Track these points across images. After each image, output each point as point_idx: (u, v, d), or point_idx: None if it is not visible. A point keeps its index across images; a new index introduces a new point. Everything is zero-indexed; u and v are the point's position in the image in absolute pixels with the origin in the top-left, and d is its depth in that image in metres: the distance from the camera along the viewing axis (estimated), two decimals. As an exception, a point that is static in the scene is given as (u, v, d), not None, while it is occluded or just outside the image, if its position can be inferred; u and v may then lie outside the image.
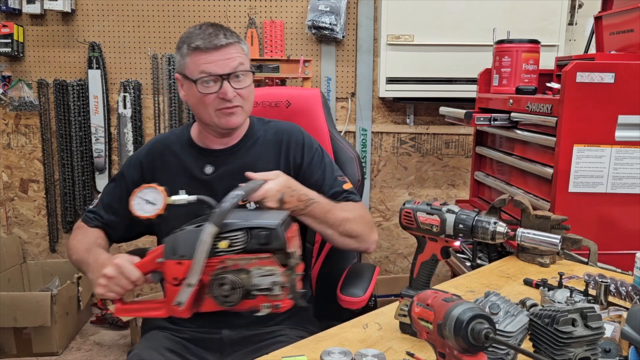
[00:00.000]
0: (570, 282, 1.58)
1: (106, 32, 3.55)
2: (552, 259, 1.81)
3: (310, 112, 2.20)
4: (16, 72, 3.59)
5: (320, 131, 2.15)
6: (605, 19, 2.53)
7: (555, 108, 2.01)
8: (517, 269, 1.77)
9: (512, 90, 2.48)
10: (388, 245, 3.86)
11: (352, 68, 3.61)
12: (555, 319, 1.00)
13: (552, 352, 1.00)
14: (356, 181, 2.09)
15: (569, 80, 1.95)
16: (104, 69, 3.56)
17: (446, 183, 3.78)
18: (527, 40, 2.56)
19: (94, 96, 3.55)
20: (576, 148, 1.98)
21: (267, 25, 3.50)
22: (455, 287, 1.60)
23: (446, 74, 3.35)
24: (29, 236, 3.82)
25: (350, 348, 1.15)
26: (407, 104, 3.63)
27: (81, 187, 3.67)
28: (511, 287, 1.61)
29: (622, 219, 2.04)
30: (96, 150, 3.62)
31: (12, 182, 3.75)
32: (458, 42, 3.29)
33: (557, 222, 1.80)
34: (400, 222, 1.36)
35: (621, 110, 1.98)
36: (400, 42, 3.30)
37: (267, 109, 2.19)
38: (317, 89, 2.14)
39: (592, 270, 1.67)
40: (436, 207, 1.30)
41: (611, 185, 2.01)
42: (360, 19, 3.53)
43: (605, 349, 1.10)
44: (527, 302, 1.35)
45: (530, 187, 2.28)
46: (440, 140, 3.72)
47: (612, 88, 1.96)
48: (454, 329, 0.85)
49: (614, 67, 1.96)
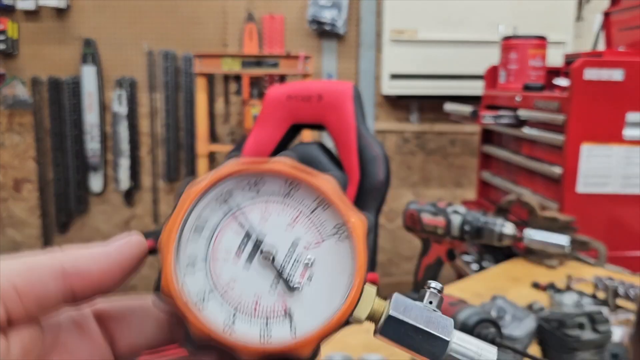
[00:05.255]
0: (578, 285, 1.56)
1: (101, 28, 3.50)
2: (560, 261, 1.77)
3: (340, 106, 2.15)
4: (10, 70, 3.54)
5: (347, 127, 2.11)
6: (615, 15, 2.51)
7: (563, 105, 2.00)
8: (524, 271, 1.75)
9: (519, 87, 2.46)
10: (391, 248, 3.80)
11: (353, 64, 3.56)
12: (563, 322, 1.00)
13: (559, 357, 1.00)
14: (376, 182, 2.03)
15: (577, 77, 1.95)
16: (99, 65, 3.51)
17: (452, 183, 3.73)
18: (534, 36, 2.54)
19: (88, 93, 3.50)
20: (584, 147, 1.98)
21: (267, 21, 3.45)
22: (460, 291, 1.56)
23: (451, 70, 3.33)
24: (22, 237, 3.77)
25: (352, 353, 1.14)
26: (411, 101, 3.58)
27: (75, 187, 3.62)
28: (518, 290, 1.59)
29: (632, 220, 2.03)
30: (91, 149, 3.57)
31: (6, 182, 3.70)
32: (463, 37, 3.26)
33: (565, 223, 1.76)
34: (404, 224, 1.33)
35: (630, 107, 1.97)
36: (403, 38, 3.27)
37: (299, 103, 2.13)
38: (351, 82, 2.12)
39: (600, 273, 1.65)
40: (441, 208, 1.28)
41: (620, 185, 2.02)
42: (362, 13, 3.48)
43: (614, 353, 1.09)
44: (535, 305, 1.33)
45: (538, 187, 2.27)
46: (445, 138, 3.67)
47: (621, 85, 1.96)
48: None
49: (623, 64, 1.96)
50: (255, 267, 0.37)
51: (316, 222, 0.38)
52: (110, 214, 3.73)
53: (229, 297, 0.37)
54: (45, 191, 3.67)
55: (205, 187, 0.37)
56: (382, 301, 0.39)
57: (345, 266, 0.37)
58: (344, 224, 0.37)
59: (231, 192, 0.38)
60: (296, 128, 2.05)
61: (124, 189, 3.64)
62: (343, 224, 0.37)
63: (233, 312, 0.37)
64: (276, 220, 0.38)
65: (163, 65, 3.51)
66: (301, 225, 0.38)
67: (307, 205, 0.38)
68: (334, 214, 0.38)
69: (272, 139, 2.24)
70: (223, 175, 0.38)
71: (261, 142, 2.21)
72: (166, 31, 3.49)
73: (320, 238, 0.38)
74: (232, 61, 2.97)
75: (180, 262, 0.36)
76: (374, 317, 0.38)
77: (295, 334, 0.37)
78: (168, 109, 3.54)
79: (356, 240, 0.37)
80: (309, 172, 0.38)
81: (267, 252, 0.37)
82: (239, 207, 0.38)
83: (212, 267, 0.37)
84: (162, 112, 3.57)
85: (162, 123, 3.59)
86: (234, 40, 3.50)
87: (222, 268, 0.37)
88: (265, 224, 0.38)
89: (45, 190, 3.67)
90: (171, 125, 3.55)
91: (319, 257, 0.38)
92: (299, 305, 0.37)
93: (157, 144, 3.62)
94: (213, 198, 0.38)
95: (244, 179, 0.38)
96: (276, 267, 0.37)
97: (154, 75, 3.53)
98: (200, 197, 0.37)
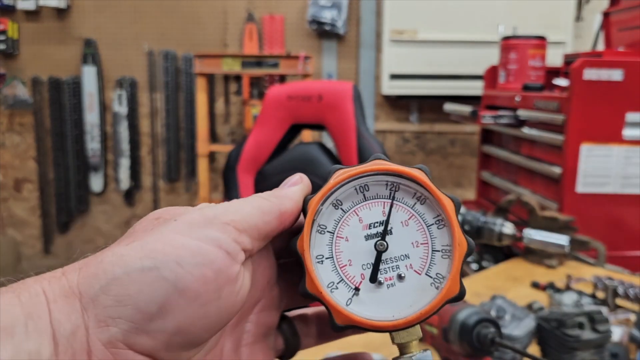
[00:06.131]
0: (578, 285, 1.55)
1: (101, 28, 3.50)
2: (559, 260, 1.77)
3: (340, 106, 2.15)
4: (10, 70, 3.54)
5: (347, 127, 2.10)
6: (614, 15, 2.50)
7: (563, 106, 2.00)
8: (524, 271, 1.74)
9: (518, 87, 2.46)
10: (390, 247, 3.80)
11: (353, 64, 3.56)
12: (563, 322, 1.00)
13: (559, 356, 1.00)
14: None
15: (576, 77, 1.94)
16: (99, 65, 3.51)
17: (452, 183, 3.73)
18: (534, 37, 2.54)
19: (88, 93, 3.50)
20: (584, 147, 1.98)
21: (267, 21, 3.45)
22: None
23: (451, 71, 3.32)
24: (23, 237, 3.77)
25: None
26: (411, 101, 3.58)
27: (76, 187, 3.62)
28: (518, 289, 1.58)
29: (631, 220, 2.03)
30: (91, 149, 3.57)
31: (6, 181, 3.70)
32: (463, 37, 3.26)
33: (564, 223, 1.76)
34: None
35: (629, 107, 1.97)
36: (403, 38, 3.26)
37: (299, 103, 2.13)
38: (351, 82, 2.12)
39: (600, 272, 1.64)
40: None
41: (620, 185, 2.01)
42: (362, 13, 3.48)
43: (613, 353, 1.09)
44: (534, 305, 1.32)
45: (538, 187, 2.26)
46: (445, 138, 3.67)
47: (620, 85, 1.95)
48: (460, 333, 0.85)
49: (622, 64, 1.95)
50: (368, 246, 0.43)
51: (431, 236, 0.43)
52: (110, 213, 3.73)
53: (337, 252, 0.43)
54: (46, 191, 3.67)
55: (355, 174, 0.43)
56: (418, 346, 0.43)
57: (427, 294, 0.42)
58: (451, 246, 0.42)
59: (369, 185, 0.43)
60: (296, 128, 2.05)
61: (124, 189, 3.64)
62: (451, 246, 0.42)
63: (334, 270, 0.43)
64: (408, 230, 0.43)
65: (163, 66, 3.50)
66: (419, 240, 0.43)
67: (427, 219, 0.43)
68: (447, 233, 0.43)
69: (272, 138, 2.24)
70: (368, 170, 0.43)
71: (261, 141, 2.20)
72: (166, 31, 3.49)
73: (424, 271, 0.43)
74: (232, 61, 2.97)
75: (314, 227, 0.42)
76: (403, 349, 0.43)
77: (347, 307, 0.42)
78: (168, 109, 3.54)
79: (456, 263, 0.42)
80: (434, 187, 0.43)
81: (382, 243, 0.42)
82: (382, 198, 0.43)
83: (339, 228, 0.43)
84: (162, 112, 3.57)
85: (162, 123, 3.58)
86: (234, 41, 3.50)
87: (345, 229, 0.43)
88: (402, 228, 0.43)
89: (46, 190, 3.67)
90: (171, 125, 3.55)
91: (410, 279, 0.42)
92: (366, 291, 0.42)
93: (158, 144, 3.62)
94: (352, 185, 0.43)
95: (384, 179, 0.43)
96: (377, 259, 0.42)
97: (154, 76, 3.53)
98: (346, 182, 0.43)
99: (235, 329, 0.42)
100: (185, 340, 0.34)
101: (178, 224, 0.36)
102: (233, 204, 0.39)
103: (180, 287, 0.33)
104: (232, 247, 0.36)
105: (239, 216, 0.38)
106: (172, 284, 0.33)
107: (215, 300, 0.35)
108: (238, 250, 0.36)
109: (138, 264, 0.33)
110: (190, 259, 0.34)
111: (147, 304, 0.32)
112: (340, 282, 0.42)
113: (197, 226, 0.36)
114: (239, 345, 0.43)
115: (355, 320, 0.41)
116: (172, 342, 0.33)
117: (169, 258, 0.33)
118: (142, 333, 0.32)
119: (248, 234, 0.38)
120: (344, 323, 0.41)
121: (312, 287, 0.41)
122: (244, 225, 0.38)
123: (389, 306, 0.42)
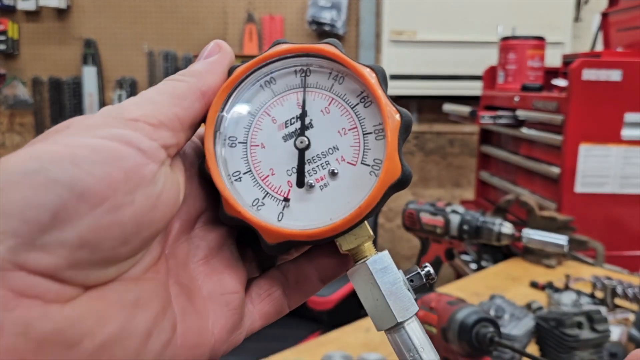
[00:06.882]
0: (576, 284, 1.56)
1: (101, 28, 3.50)
2: (558, 260, 1.77)
3: None
4: (11, 70, 3.54)
5: None
6: (613, 15, 2.50)
7: (562, 106, 2.00)
8: (522, 270, 1.75)
9: (517, 87, 2.46)
10: (390, 247, 3.79)
11: (353, 65, 3.55)
12: (562, 322, 1.01)
13: (558, 356, 1.00)
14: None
15: (575, 78, 1.94)
16: (100, 66, 3.52)
17: (450, 183, 3.73)
18: (533, 37, 2.54)
19: (89, 94, 3.50)
20: (583, 147, 1.97)
21: (266, 21, 3.45)
22: (459, 290, 1.57)
23: (450, 71, 3.32)
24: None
25: (352, 352, 1.15)
26: (410, 101, 3.58)
27: (76, 186, 3.62)
28: (517, 289, 1.59)
29: (630, 220, 2.03)
30: (92, 149, 3.57)
31: (7, 181, 3.70)
32: (462, 38, 3.26)
33: (563, 223, 1.77)
34: (403, 223, 1.33)
35: (628, 108, 1.97)
36: (402, 38, 3.26)
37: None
38: None
39: (598, 272, 1.65)
40: (440, 208, 1.28)
41: (618, 185, 2.01)
42: (361, 14, 3.48)
43: (612, 353, 1.09)
44: (533, 305, 1.33)
45: (537, 187, 2.27)
46: (444, 138, 3.67)
47: (619, 86, 1.95)
48: (459, 333, 0.85)
49: (621, 64, 1.96)
50: (288, 148, 0.37)
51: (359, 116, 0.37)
52: (110, 213, 3.72)
53: (255, 164, 0.37)
54: (46, 191, 3.67)
55: (250, 67, 0.37)
56: (372, 249, 0.37)
57: (366, 185, 0.36)
58: (382, 125, 0.37)
59: (275, 78, 0.38)
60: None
61: (124, 189, 3.64)
62: (381, 125, 0.37)
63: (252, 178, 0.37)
64: (331, 117, 0.37)
65: (163, 66, 3.51)
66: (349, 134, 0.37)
67: (350, 100, 0.37)
68: (377, 110, 0.37)
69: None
70: (268, 57, 0.37)
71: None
72: (166, 31, 3.49)
73: (358, 160, 0.36)
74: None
75: (218, 140, 0.37)
76: (355, 256, 0.37)
77: (278, 222, 0.36)
78: (168, 109, 3.54)
79: (390, 140, 0.36)
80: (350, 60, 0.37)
81: (302, 140, 0.37)
82: (293, 89, 0.38)
83: (251, 135, 0.37)
84: (162, 112, 3.57)
85: (162, 123, 3.59)
86: (234, 41, 3.50)
87: (259, 135, 0.37)
88: (323, 117, 0.37)
89: (46, 190, 3.67)
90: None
91: (344, 174, 0.37)
92: (297, 200, 0.37)
93: (157, 144, 3.62)
94: (255, 79, 0.37)
95: (291, 64, 0.37)
96: (301, 159, 0.37)
97: (155, 76, 3.53)
98: (244, 78, 0.37)
99: (177, 244, 0.35)
100: (95, 255, 0.28)
101: (77, 127, 0.30)
102: (141, 95, 0.33)
103: (79, 189, 0.27)
104: (147, 144, 0.30)
105: (149, 109, 0.32)
106: (66, 187, 0.27)
107: (129, 205, 0.29)
108: (156, 148, 0.31)
109: (20, 167, 0.27)
110: (90, 156, 0.28)
111: (36, 213, 0.26)
112: (266, 197, 0.37)
113: (99, 127, 0.30)
114: (188, 262, 0.36)
115: (287, 234, 0.35)
116: (77, 257, 0.27)
117: (61, 158, 0.27)
118: (35, 249, 0.26)
119: (167, 127, 0.32)
120: (276, 241, 0.35)
121: (230, 209, 0.35)
122: (159, 118, 0.32)
123: (327, 210, 0.36)
